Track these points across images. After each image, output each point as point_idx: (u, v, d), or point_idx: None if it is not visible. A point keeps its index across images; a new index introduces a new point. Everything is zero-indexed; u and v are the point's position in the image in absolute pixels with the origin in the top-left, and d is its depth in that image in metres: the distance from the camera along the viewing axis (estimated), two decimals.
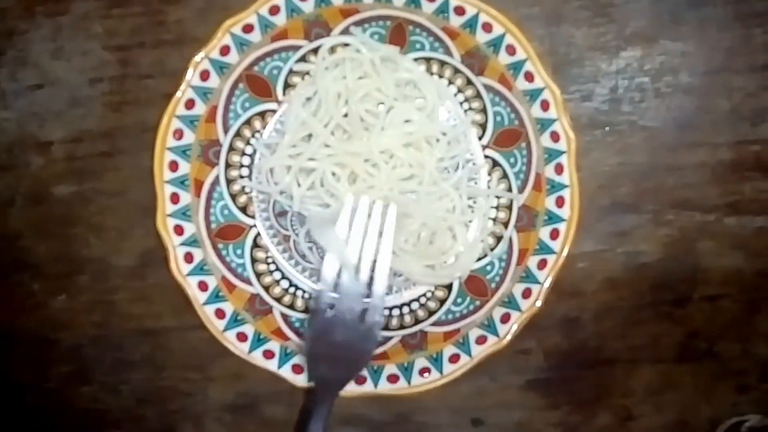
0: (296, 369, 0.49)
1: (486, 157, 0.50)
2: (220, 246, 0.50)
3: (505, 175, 0.50)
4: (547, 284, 0.48)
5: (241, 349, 0.49)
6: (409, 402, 0.51)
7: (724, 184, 0.51)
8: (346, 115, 0.49)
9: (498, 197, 0.50)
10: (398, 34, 0.49)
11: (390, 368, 0.50)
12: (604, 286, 0.51)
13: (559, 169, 0.48)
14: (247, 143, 0.50)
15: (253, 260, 0.51)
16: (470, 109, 0.50)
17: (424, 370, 0.49)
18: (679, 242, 0.51)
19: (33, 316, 0.52)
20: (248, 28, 0.48)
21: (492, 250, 0.50)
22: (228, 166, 0.50)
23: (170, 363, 0.52)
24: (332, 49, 0.49)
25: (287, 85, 0.50)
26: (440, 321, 0.50)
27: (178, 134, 0.48)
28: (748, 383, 0.52)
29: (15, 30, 0.50)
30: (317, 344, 0.47)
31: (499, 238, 0.50)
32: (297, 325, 0.51)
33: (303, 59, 0.50)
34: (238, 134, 0.50)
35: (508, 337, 0.48)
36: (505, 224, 0.50)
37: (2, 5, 0.50)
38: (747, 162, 0.50)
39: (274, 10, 0.48)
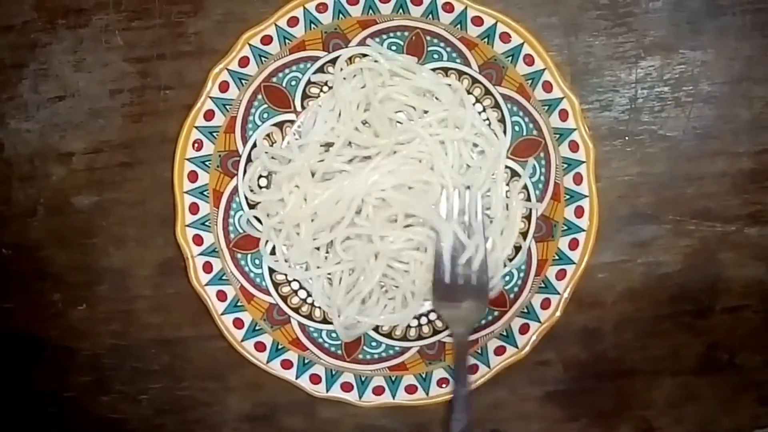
0: (314, 378, 0.49)
1: (505, 166, 0.50)
2: (239, 256, 0.50)
3: (523, 185, 0.50)
4: (566, 295, 0.48)
5: (259, 358, 0.49)
6: (428, 413, 0.50)
7: (745, 193, 0.50)
8: (364, 123, 0.49)
9: None
10: (416, 45, 0.49)
11: (408, 379, 0.50)
12: (623, 297, 0.51)
13: (578, 179, 0.48)
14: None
15: (271, 270, 0.51)
16: (488, 118, 0.50)
17: (442, 381, 0.49)
18: (699, 253, 0.50)
19: (53, 325, 0.52)
20: (267, 40, 0.48)
21: (511, 260, 0.50)
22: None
23: (188, 372, 0.52)
24: (350, 60, 0.49)
25: (305, 96, 0.50)
26: None
27: (198, 145, 0.48)
28: None
29: (37, 42, 0.51)
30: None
31: (517, 249, 0.50)
32: (315, 335, 0.51)
33: (321, 70, 0.50)
34: (256, 145, 0.50)
35: (527, 348, 0.48)
36: (524, 234, 0.50)
37: (24, 18, 0.51)
38: None
39: (293, 22, 0.48)
